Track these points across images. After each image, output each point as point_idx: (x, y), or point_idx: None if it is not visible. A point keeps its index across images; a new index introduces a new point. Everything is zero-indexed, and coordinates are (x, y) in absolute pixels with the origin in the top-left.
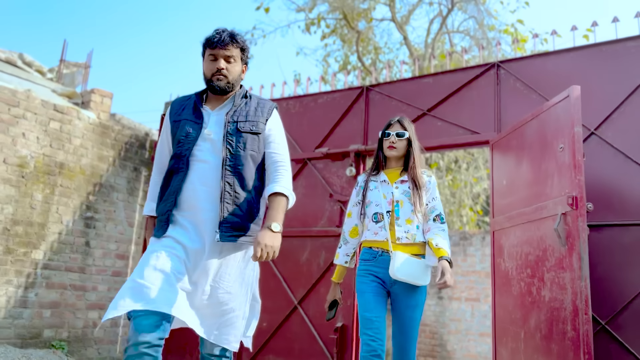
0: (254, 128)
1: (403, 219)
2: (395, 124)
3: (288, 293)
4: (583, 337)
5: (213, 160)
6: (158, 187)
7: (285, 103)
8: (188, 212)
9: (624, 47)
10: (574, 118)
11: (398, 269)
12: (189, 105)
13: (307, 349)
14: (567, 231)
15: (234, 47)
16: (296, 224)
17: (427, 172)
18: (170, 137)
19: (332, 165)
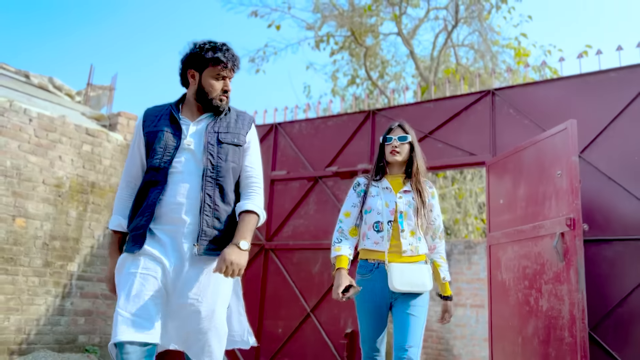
0: (236, 140)
1: (407, 231)
2: (396, 128)
3: (301, 301)
4: (580, 343)
5: (193, 171)
6: (126, 202)
7: (298, 125)
8: (167, 225)
9: (607, 77)
10: (572, 149)
11: (398, 281)
12: (164, 115)
13: (319, 353)
14: (565, 248)
15: (235, 71)
16: (308, 237)
17: (428, 182)
18: (144, 149)
19: (342, 182)
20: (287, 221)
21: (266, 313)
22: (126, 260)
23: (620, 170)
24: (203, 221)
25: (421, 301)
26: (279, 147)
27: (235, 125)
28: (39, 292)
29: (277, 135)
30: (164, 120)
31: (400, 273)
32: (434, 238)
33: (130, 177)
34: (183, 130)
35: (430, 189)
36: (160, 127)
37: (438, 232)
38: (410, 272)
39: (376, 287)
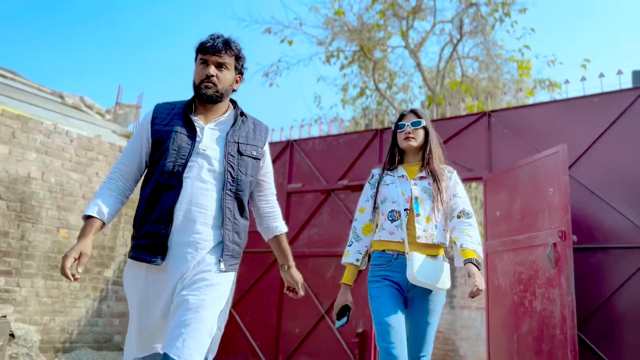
0: (255, 152)
1: (423, 217)
2: (408, 114)
3: (316, 304)
4: (570, 339)
5: (208, 179)
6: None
7: (312, 141)
8: (180, 234)
9: (591, 102)
10: (563, 170)
11: (418, 271)
12: (177, 115)
13: (333, 351)
14: (557, 257)
15: (227, 55)
16: (322, 245)
17: (448, 167)
18: (148, 146)
19: (352, 195)
20: (302, 230)
21: (284, 314)
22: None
23: (602, 185)
24: (226, 236)
25: (438, 303)
26: (294, 162)
27: (254, 136)
28: (80, 296)
29: (293, 150)
30: (177, 120)
31: (421, 264)
32: (450, 218)
33: (124, 171)
34: (197, 133)
35: (450, 173)
36: (173, 127)
37: (455, 211)
38: (431, 266)
39: (395, 277)
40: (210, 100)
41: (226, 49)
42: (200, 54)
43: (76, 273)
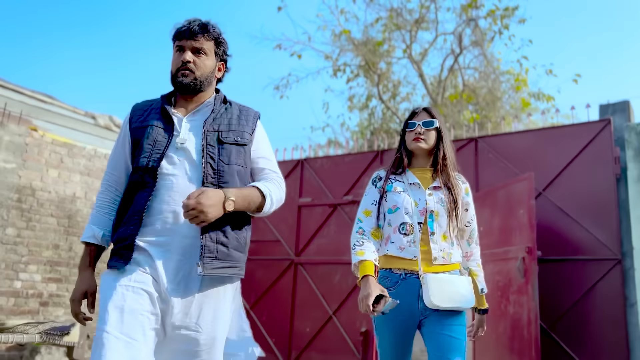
0: (239, 139)
1: (439, 235)
2: (421, 112)
3: (325, 306)
4: (534, 339)
5: (188, 174)
6: (105, 209)
7: (320, 161)
8: (156, 237)
9: (563, 132)
10: (530, 195)
11: (436, 295)
12: (154, 110)
13: (339, 348)
14: (525, 269)
15: (205, 39)
16: (330, 253)
17: (462, 177)
18: (129, 148)
19: (357, 208)
20: (312, 240)
21: (296, 315)
22: (110, 275)
23: (572, 205)
24: (205, 236)
25: (460, 320)
26: (304, 179)
27: (239, 122)
28: None
29: (303, 169)
30: (154, 114)
31: (439, 285)
32: (469, 243)
33: (111, 181)
34: (175, 125)
35: (464, 185)
36: (149, 122)
37: (474, 237)
38: (450, 285)
39: (403, 302)
40: (188, 89)
41: (203, 33)
42: (176, 40)
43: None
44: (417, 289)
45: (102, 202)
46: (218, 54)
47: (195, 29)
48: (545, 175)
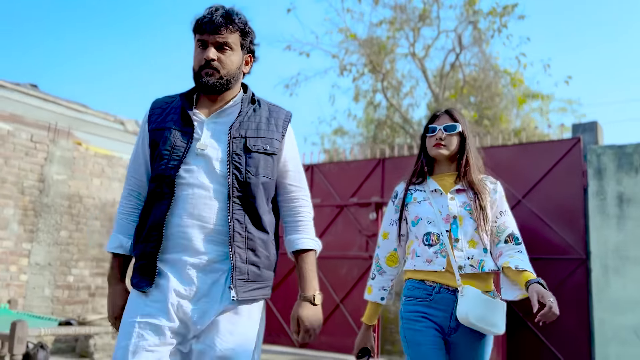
0: (268, 147)
1: (464, 241)
2: (442, 115)
3: (333, 295)
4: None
5: (209, 185)
6: (129, 216)
7: (328, 166)
8: (175, 254)
9: (538, 147)
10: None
11: (470, 310)
12: (174, 109)
13: (346, 332)
14: None
15: (229, 32)
16: (337, 249)
17: (490, 178)
18: (149, 151)
19: (361, 210)
20: (321, 237)
21: None
22: (133, 299)
23: (546, 211)
24: (236, 255)
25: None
26: (314, 182)
27: (268, 126)
28: None
29: (313, 173)
30: (173, 115)
31: (476, 302)
32: (497, 242)
33: (134, 185)
34: (195, 129)
35: (492, 185)
36: (167, 124)
37: (503, 234)
38: (487, 306)
39: (435, 316)
40: (213, 90)
41: (227, 25)
42: (197, 34)
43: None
44: (451, 305)
45: (125, 208)
46: (245, 46)
47: (219, 21)
48: (524, 185)
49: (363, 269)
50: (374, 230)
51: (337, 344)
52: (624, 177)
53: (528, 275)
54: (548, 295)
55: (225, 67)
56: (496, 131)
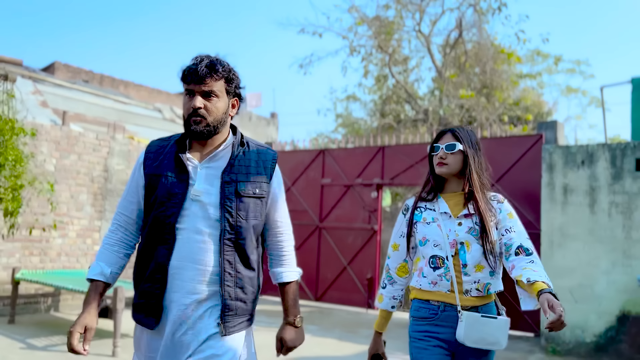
0: (257, 191)
1: (472, 266)
2: (446, 134)
3: (341, 259)
4: None
5: (204, 229)
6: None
7: (338, 151)
8: (177, 293)
9: (510, 141)
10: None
11: (468, 335)
12: (169, 154)
13: (351, 289)
14: None
15: (214, 80)
16: (345, 221)
17: (497, 196)
18: (143, 192)
19: (364, 189)
20: (331, 211)
21: (320, 266)
22: (143, 337)
23: (512, 193)
24: (225, 293)
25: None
26: (325, 164)
27: (257, 170)
28: None
29: (325, 156)
30: (168, 161)
31: (475, 327)
32: (507, 257)
33: (121, 221)
34: (190, 175)
35: (499, 204)
36: (163, 170)
37: (512, 249)
38: (486, 327)
39: (441, 333)
40: (202, 136)
41: (212, 74)
42: (184, 84)
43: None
44: (455, 322)
45: (110, 240)
46: (230, 92)
47: (204, 72)
48: (497, 171)
49: (366, 238)
50: (375, 207)
51: (344, 298)
52: (568, 172)
53: (540, 286)
54: (558, 305)
55: (212, 114)
56: (492, 108)
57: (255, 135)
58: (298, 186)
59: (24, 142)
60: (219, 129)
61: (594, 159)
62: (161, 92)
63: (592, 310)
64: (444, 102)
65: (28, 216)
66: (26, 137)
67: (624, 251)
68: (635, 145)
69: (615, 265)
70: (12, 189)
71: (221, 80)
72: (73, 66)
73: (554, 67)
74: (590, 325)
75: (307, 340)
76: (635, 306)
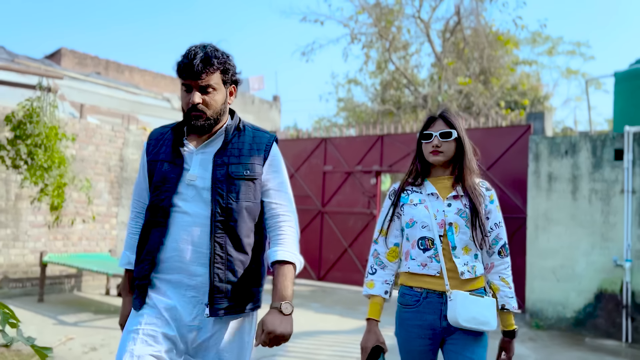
0: (249, 172)
1: (460, 248)
2: (438, 121)
3: (342, 241)
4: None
5: (199, 211)
6: (135, 235)
7: (339, 140)
8: (170, 275)
9: (502, 130)
10: None
11: (460, 313)
12: (167, 140)
13: (352, 269)
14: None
15: (210, 74)
16: (345, 205)
17: (485, 183)
18: (147, 179)
19: (364, 176)
20: (333, 196)
21: (323, 248)
22: (130, 317)
23: (502, 180)
24: (214, 275)
25: (482, 342)
26: (327, 152)
27: (250, 152)
28: None
29: (327, 144)
30: (166, 147)
31: (466, 304)
32: (490, 254)
33: (139, 207)
34: (185, 160)
35: (488, 192)
36: (160, 156)
37: (497, 247)
38: (475, 306)
39: (425, 321)
40: (202, 131)
41: (207, 68)
42: (181, 79)
43: None
44: (439, 307)
45: (132, 228)
46: (227, 82)
47: (198, 69)
48: (488, 160)
49: (365, 222)
50: (374, 192)
51: (345, 278)
52: (553, 161)
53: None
54: (510, 351)
55: (211, 108)
56: (490, 93)
57: (258, 118)
58: (301, 173)
59: (65, 146)
60: (220, 120)
61: (576, 149)
62: (165, 77)
63: (573, 288)
64: (443, 87)
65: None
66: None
67: (602, 234)
68: (614, 136)
69: (594, 248)
70: (57, 186)
71: (217, 72)
72: (79, 52)
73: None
74: (571, 302)
75: (311, 316)
76: (611, 285)
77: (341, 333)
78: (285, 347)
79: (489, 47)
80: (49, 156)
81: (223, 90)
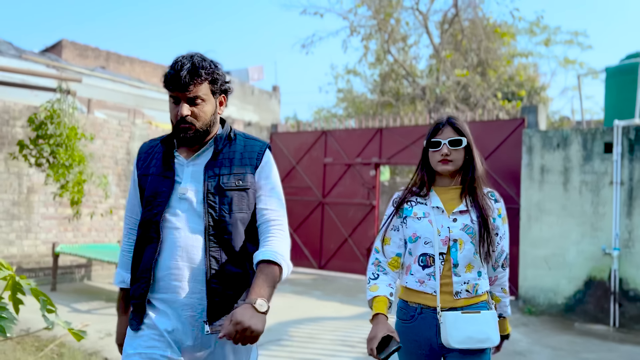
0: (241, 182)
1: (462, 266)
2: (446, 128)
3: (342, 231)
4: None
5: (193, 225)
6: (128, 252)
7: (339, 132)
8: (167, 294)
9: (497, 124)
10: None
11: (454, 337)
12: (157, 154)
13: (352, 258)
14: None
15: (198, 85)
16: (345, 196)
17: (495, 194)
18: (138, 193)
19: (363, 167)
20: (333, 188)
21: (324, 239)
22: (127, 338)
23: (499, 171)
24: (211, 291)
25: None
26: (327, 144)
27: (241, 161)
28: None
29: (327, 137)
30: (156, 161)
31: (456, 325)
32: (495, 267)
33: (131, 224)
34: (177, 173)
35: (497, 204)
36: (150, 170)
37: (501, 259)
38: (471, 324)
39: (421, 337)
40: (192, 143)
41: (194, 79)
42: (168, 91)
43: None
44: (434, 323)
45: (125, 245)
46: (216, 92)
47: (185, 80)
48: (484, 152)
49: (365, 213)
50: (373, 184)
51: (345, 267)
52: (545, 154)
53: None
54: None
55: (200, 119)
56: (487, 84)
57: (258, 109)
58: (302, 165)
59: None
60: (209, 131)
61: (567, 142)
62: (165, 68)
63: (563, 276)
64: (441, 79)
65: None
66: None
67: (592, 224)
68: (604, 130)
69: (584, 237)
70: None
71: (205, 83)
72: (80, 44)
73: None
74: (562, 289)
75: (313, 303)
76: (600, 272)
77: (341, 319)
78: (289, 332)
79: (486, 39)
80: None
81: (212, 100)
